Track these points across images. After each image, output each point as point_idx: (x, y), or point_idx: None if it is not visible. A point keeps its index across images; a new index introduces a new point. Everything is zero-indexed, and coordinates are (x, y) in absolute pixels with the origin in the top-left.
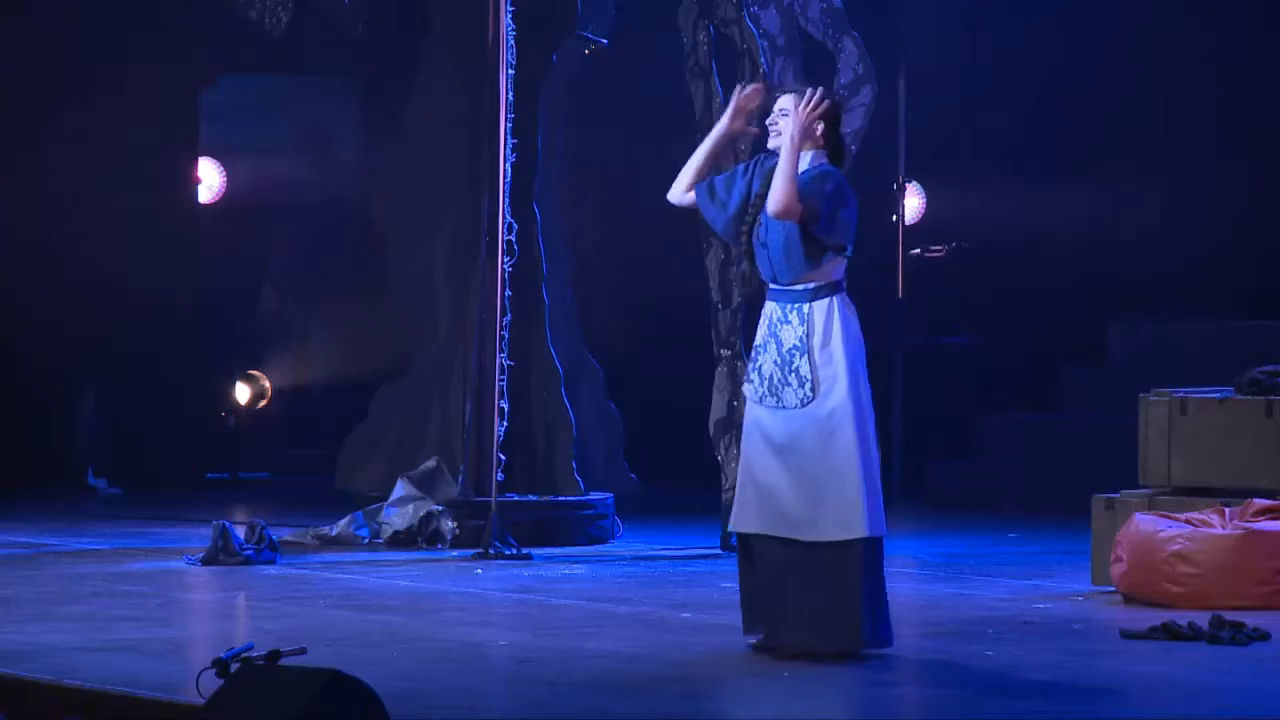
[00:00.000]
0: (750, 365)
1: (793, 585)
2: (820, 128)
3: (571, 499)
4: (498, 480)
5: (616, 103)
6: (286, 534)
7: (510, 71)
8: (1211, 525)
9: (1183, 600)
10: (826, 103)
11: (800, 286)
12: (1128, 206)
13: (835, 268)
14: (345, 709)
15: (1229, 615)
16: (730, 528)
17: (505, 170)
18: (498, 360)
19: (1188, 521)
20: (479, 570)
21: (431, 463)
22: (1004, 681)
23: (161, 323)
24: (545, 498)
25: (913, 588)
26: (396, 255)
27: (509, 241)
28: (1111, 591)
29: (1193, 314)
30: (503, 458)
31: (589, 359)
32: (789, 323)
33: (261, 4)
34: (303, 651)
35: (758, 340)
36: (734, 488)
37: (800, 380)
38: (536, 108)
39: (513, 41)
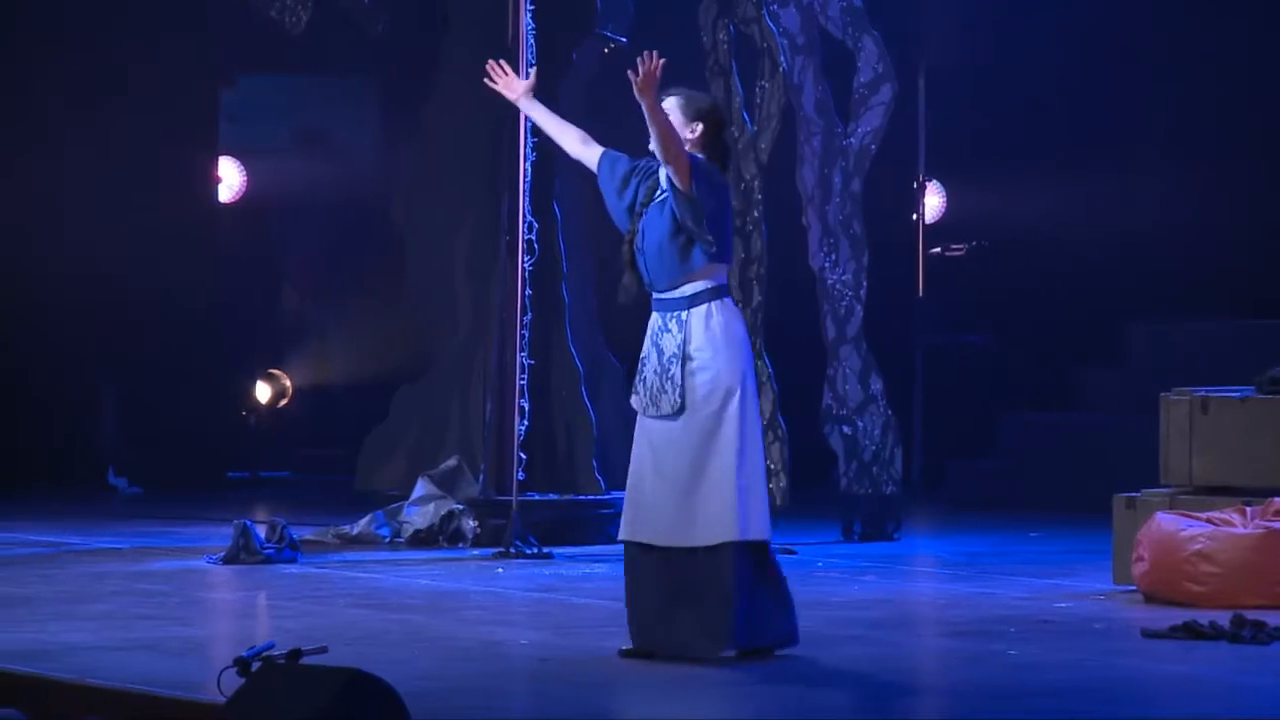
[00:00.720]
0: (637, 376)
1: (670, 592)
2: (699, 129)
3: (592, 498)
4: (518, 479)
5: (636, 101)
6: (307, 533)
7: (530, 70)
8: (1233, 524)
9: (1204, 599)
10: (662, 60)
11: (678, 294)
12: (1148, 206)
13: (714, 273)
14: (366, 708)
15: (1250, 614)
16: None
17: (525, 170)
18: (518, 359)
19: (1209, 521)
20: (500, 569)
21: (452, 461)
22: (1025, 681)
23: (182, 322)
24: (566, 496)
25: (934, 587)
26: (416, 254)
27: (529, 241)
28: (1133, 591)
29: (1212, 313)
30: (523, 457)
31: (609, 358)
32: (669, 331)
33: (281, 3)
34: (324, 650)
35: (643, 351)
36: None
37: (674, 387)
38: (557, 107)
39: (532, 40)
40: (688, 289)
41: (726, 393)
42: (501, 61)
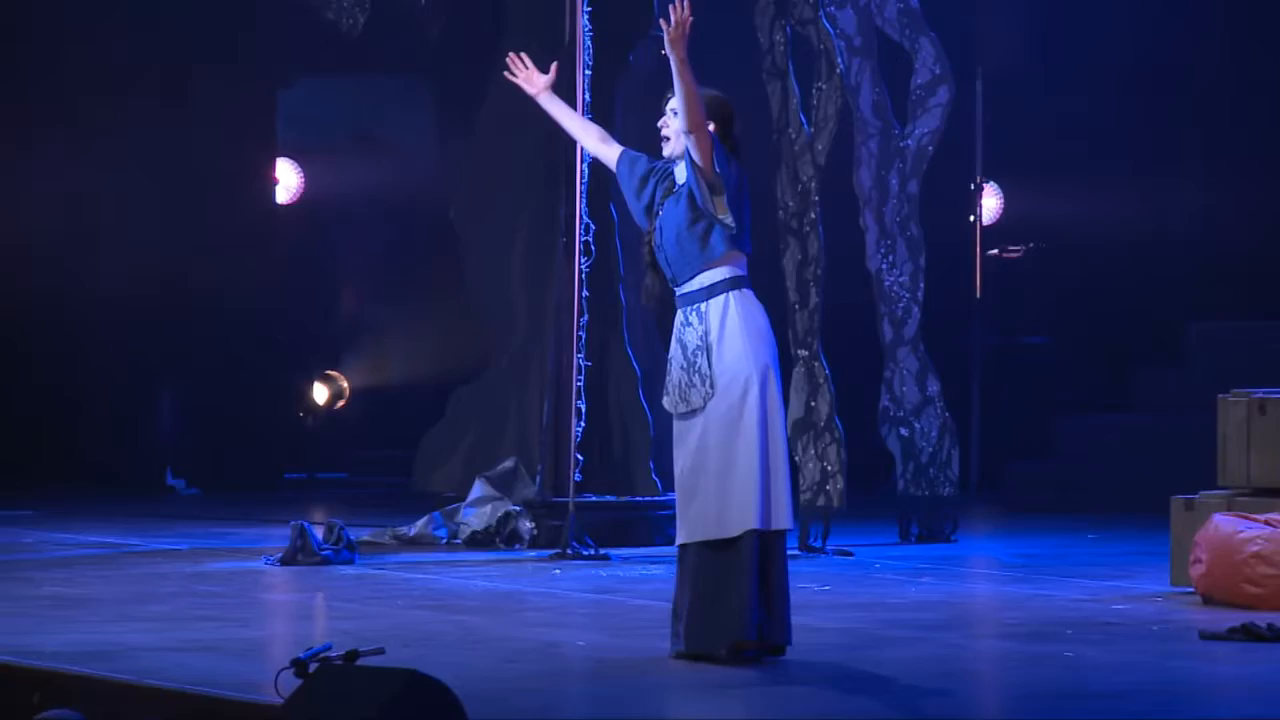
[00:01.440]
0: (666, 377)
1: (697, 587)
2: (711, 127)
3: (648, 499)
4: (575, 480)
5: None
6: (365, 534)
7: (587, 71)
8: None
9: (1262, 601)
10: (690, 18)
11: (697, 286)
12: (1207, 206)
13: (732, 261)
14: (423, 709)
15: None
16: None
17: (582, 171)
18: (575, 361)
19: (1267, 523)
20: (556, 570)
21: (509, 463)
22: (1083, 682)
23: (239, 323)
24: (622, 498)
25: (991, 589)
26: (474, 256)
27: (586, 242)
28: (1190, 592)
29: (1272, 314)
30: (580, 458)
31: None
32: (690, 325)
33: (339, 4)
34: (381, 651)
35: (670, 351)
36: (811, 489)
37: (702, 378)
38: (613, 107)
39: (589, 41)
40: (706, 278)
41: (746, 382)
42: (523, 55)
